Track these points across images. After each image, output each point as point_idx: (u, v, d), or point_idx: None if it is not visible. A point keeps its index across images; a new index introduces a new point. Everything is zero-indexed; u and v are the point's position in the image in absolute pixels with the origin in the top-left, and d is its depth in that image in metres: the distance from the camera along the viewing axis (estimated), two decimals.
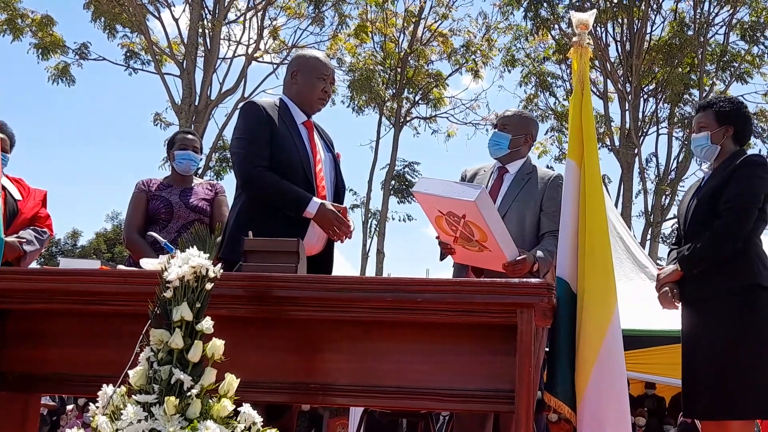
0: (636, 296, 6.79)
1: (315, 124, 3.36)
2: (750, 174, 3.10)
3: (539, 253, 3.32)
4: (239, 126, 3.21)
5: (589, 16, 2.87)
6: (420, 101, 21.51)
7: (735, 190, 3.08)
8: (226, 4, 18.53)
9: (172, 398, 1.88)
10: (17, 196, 3.83)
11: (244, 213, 3.13)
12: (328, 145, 3.39)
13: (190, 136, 4.23)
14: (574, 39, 2.86)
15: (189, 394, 1.91)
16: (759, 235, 3.17)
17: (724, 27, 19.97)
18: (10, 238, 3.59)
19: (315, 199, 3.09)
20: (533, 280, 2.27)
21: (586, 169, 2.70)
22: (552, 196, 3.47)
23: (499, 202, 3.48)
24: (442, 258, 3.48)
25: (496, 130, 3.64)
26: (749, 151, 3.30)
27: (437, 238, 3.35)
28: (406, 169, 21.97)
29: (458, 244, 3.21)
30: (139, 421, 1.86)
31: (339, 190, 3.34)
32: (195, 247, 2.08)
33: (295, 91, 3.31)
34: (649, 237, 19.49)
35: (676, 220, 3.44)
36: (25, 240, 3.70)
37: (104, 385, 1.99)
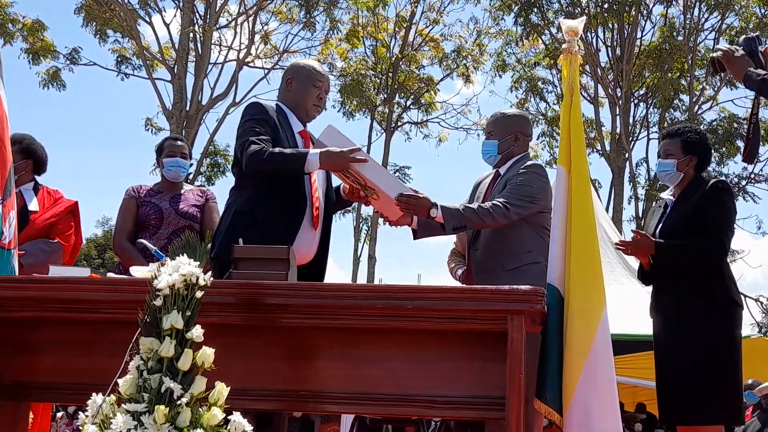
0: (626, 301, 6.81)
1: (310, 134, 3.38)
2: (724, 200, 3.37)
3: (454, 205, 3.29)
4: (242, 122, 3.23)
5: (579, 23, 2.87)
6: (411, 106, 21.54)
7: (716, 214, 3.33)
8: (217, 9, 18.53)
9: (162, 407, 1.87)
10: (34, 207, 3.72)
11: (241, 212, 3.16)
12: None
13: (178, 143, 4.20)
14: (564, 46, 2.87)
15: (179, 402, 1.90)
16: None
17: (713, 32, 20.08)
18: None
19: (310, 152, 3.11)
20: (523, 287, 2.28)
21: (573, 176, 2.71)
22: (515, 178, 3.41)
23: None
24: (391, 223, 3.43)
25: (485, 139, 3.63)
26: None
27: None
28: (398, 174, 21.98)
29: (366, 194, 3.27)
30: (129, 430, 1.86)
31: (330, 201, 3.36)
32: (185, 254, 2.08)
33: (290, 98, 3.35)
34: None
35: None
36: (23, 253, 3.61)
37: (94, 394, 1.98)
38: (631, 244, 3.38)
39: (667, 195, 3.60)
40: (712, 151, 3.62)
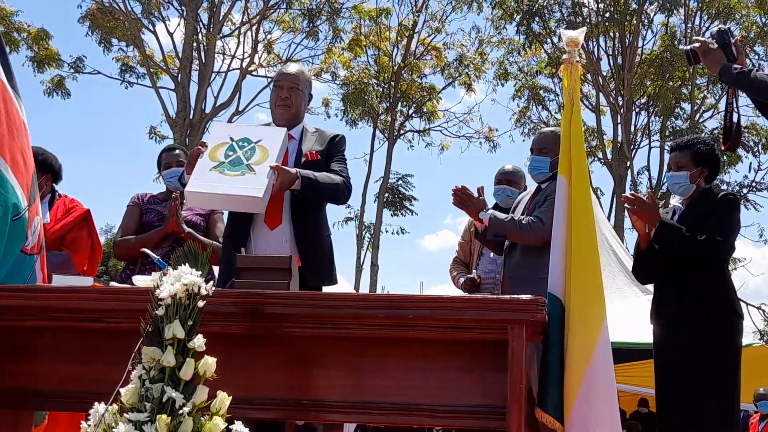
0: (629, 310, 6.81)
1: (305, 131, 3.39)
2: (730, 210, 3.43)
3: (504, 216, 3.50)
4: None
5: (579, 34, 2.88)
6: (414, 114, 21.57)
7: (720, 220, 3.38)
8: (220, 18, 18.61)
9: (164, 416, 1.88)
10: (45, 220, 3.64)
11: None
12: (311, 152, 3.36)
13: (173, 152, 4.16)
14: (564, 56, 2.87)
15: (181, 412, 1.91)
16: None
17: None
18: None
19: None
20: (524, 296, 2.28)
21: (574, 186, 2.71)
22: (551, 194, 3.46)
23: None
24: None
25: (533, 155, 3.65)
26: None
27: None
28: (400, 182, 21.99)
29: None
30: None
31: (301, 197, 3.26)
32: (187, 263, 2.09)
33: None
34: None
35: None
36: None
37: (96, 403, 1.99)
38: (640, 203, 3.38)
39: (676, 202, 3.64)
40: (721, 162, 3.66)
